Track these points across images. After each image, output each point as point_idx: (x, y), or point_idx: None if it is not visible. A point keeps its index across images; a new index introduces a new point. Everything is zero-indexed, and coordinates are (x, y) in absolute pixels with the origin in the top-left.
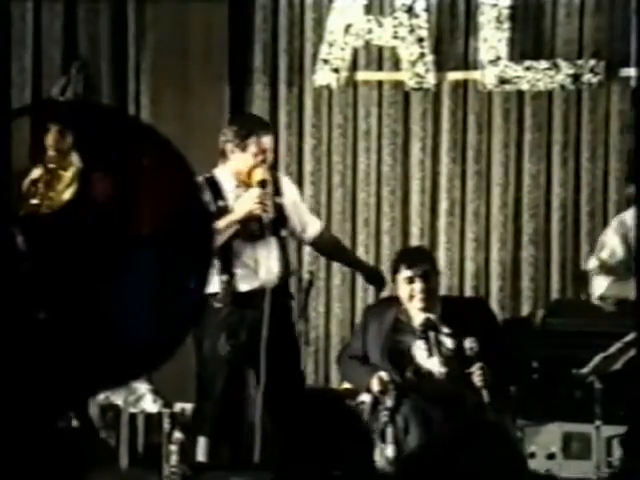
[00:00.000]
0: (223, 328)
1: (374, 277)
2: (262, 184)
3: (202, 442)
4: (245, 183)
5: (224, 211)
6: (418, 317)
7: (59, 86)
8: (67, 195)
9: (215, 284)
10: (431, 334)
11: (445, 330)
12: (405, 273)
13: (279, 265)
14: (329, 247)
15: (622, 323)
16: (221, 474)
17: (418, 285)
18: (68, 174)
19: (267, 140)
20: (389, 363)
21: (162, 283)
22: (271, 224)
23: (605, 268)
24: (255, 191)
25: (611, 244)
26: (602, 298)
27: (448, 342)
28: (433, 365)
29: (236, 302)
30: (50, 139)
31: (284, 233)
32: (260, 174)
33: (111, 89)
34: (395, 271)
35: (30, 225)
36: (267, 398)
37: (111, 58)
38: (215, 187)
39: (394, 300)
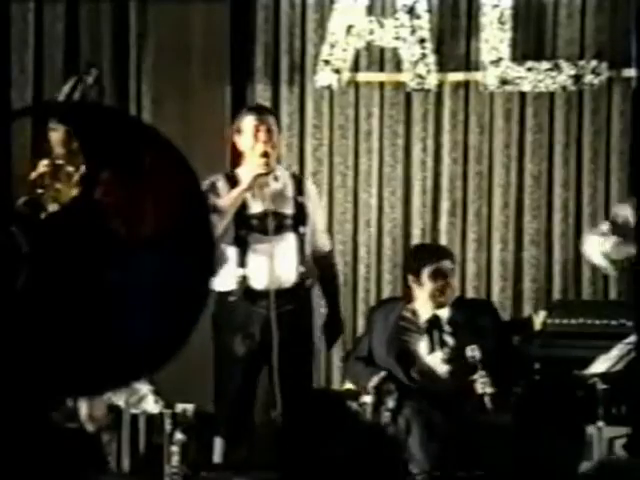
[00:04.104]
0: (239, 328)
1: (335, 326)
2: (265, 155)
3: (218, 443)
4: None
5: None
6: (426, 314)
7: (69, 86)
8: (74, 195)
9: (230, 280)
10: (435, 332)
11: (448, 329)
12: (432, 268)
13: (296, 263)
14: (324, 272)
15: (624, 324)
16: (224, 474)
17: (442, 281)
18: (78, 174)
19: (251, 118)
20: (395, 361)
21: (164, 284)
22: (290, 220)
23: (617, 230)
24: (259, 159)
25: (624, 213)
26: (606, 255)
27: (451, 341)
28: (434, 362)
29: (251, 299)
30: (59, 138)
31: (303, 230)
32: (261, 147)
33: (112, 90)
34: (418, 266)
35: (31, 225)
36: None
37: (112, 59)
38: (234, 182)
39: (398, 299)
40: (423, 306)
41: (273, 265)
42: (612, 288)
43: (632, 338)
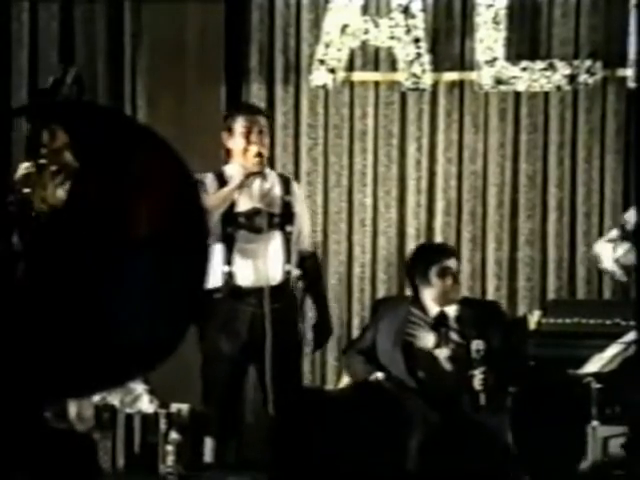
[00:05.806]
0: (225, 325)
1: (324, 327)
2: (258, 155)
3: (208, 443)
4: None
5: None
6: (434, 310)
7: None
8: (61, 194)
9: (216, 277)
10: (442, 328)
11: (455, 327)
12: (439, 267)
13: (283, 261)
14: (309, 274)
15: (618, 323)
16: (220, 474)
17: (450, 279)
18: (62, 173)
19: (244, 118)
20: (400, 354)
21: (159, 283)
22: (277, 219)
23: (627, 236)
24: (253, 159)
25: (633, 220)
26: (617, 261)
27: (457, 339)
28: (439, 359)
29: (237, 296)
30: (43, 138)
31: (290, 229)
32: (254, 149)
33: (107, 90)
34: (425, 266)
35: (26, 225)
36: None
37: (107, 59)
38: (223, 180)
39: (406, 296)
40: (431, 304)
41: (260, 263)
42: (606, 287)
43: (627, 337)
